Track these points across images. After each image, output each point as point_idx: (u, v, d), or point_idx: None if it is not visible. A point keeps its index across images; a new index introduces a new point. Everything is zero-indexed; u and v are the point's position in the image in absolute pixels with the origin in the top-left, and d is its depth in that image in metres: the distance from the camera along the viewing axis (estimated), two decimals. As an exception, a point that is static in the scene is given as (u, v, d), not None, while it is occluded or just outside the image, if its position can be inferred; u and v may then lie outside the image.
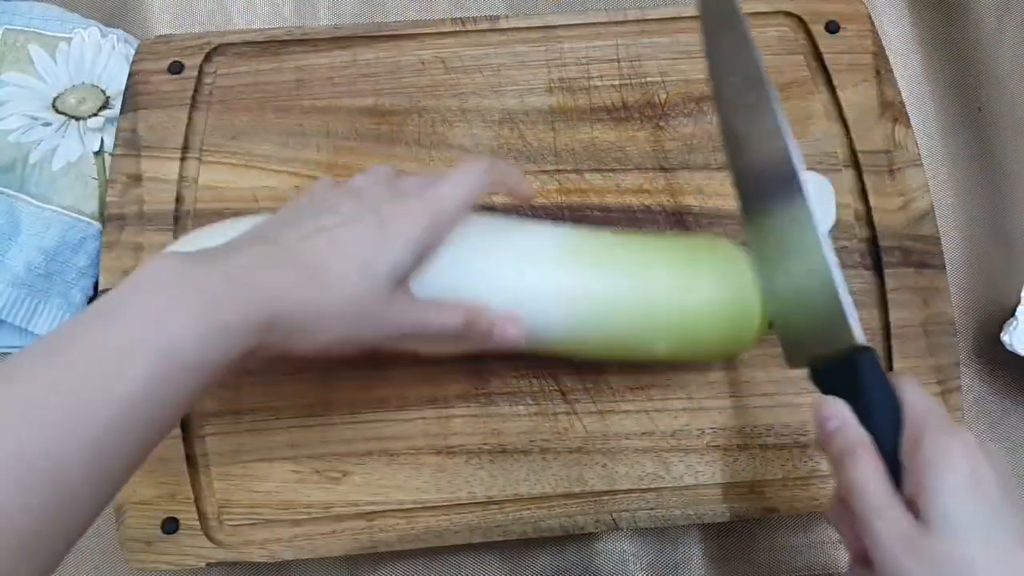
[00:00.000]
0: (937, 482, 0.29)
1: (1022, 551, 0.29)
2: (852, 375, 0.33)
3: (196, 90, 0.48)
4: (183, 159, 0.47)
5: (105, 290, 0.44)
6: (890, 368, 0.44)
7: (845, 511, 0.32)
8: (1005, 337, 0.46)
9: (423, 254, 0.35)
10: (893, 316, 0.45)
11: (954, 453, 0.30)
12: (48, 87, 0.50)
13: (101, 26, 0.52)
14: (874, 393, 0.33)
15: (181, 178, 0.46)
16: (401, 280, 0.35)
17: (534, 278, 0.37)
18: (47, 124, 0.49)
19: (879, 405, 0.32)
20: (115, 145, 0.47)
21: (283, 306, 0.31)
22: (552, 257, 0.38)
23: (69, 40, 0.51)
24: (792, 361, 0.38)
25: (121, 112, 0.48)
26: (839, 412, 0.33)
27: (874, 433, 0.32)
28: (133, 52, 0.50)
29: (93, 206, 0.48)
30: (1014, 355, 0.46)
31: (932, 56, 0.56)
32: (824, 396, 0.34)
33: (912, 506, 0.30)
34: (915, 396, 0.32)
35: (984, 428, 0.49)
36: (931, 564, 0.29)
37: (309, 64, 0.49)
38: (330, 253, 0.33)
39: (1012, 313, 0.47)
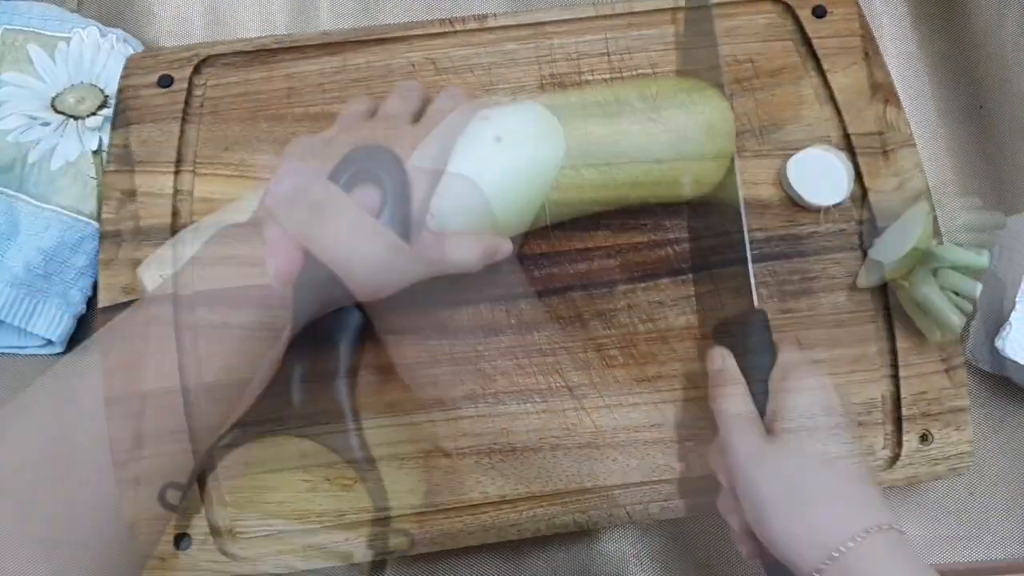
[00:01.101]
0: (793, 401, 0.37)
1: (851, 463, 0.36)
2: (745, 331, 0.40)
3: (187, 103, 0.48)
4: (177, 172, 0.46)
5: (105, 308, 0.44)
6: (894, 347, 0.45)
7: (720, 455, 0.38)
8: (999, 343, 0.46)
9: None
10: (892, 298, 0.45)
11: (812, 383, 0.37)
12: (47, 87, 0.50)
13: (100, 26, 0.52)
14: (758, 345, 0.39)
15: (176, 192, 0.46)
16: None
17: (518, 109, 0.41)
18: (46, 124, 0.49)
19: (760, 356, 0.39)
20: (108, 161, 0.46)
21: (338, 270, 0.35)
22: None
23: (68, 40, 0.51)
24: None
25: (112, 128, 0.47)
26: (723, 357, 0.40)
27: (752, 380, 0.39)
28: (132, 51, 0.50)
29: (92, 206, 0.48)
30: (1010, 360, 0.46)
31: (932, 54, 0.56)
32: (716, 346, 0.41)
33: (769, 431, 0.37)
34: (790, 350, 0.40)
35: (988, 432, 0.48)
36: (775, 469, 0.35)
37: (299, 71, 0.49)
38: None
39: (1007, 318, 0.46)
